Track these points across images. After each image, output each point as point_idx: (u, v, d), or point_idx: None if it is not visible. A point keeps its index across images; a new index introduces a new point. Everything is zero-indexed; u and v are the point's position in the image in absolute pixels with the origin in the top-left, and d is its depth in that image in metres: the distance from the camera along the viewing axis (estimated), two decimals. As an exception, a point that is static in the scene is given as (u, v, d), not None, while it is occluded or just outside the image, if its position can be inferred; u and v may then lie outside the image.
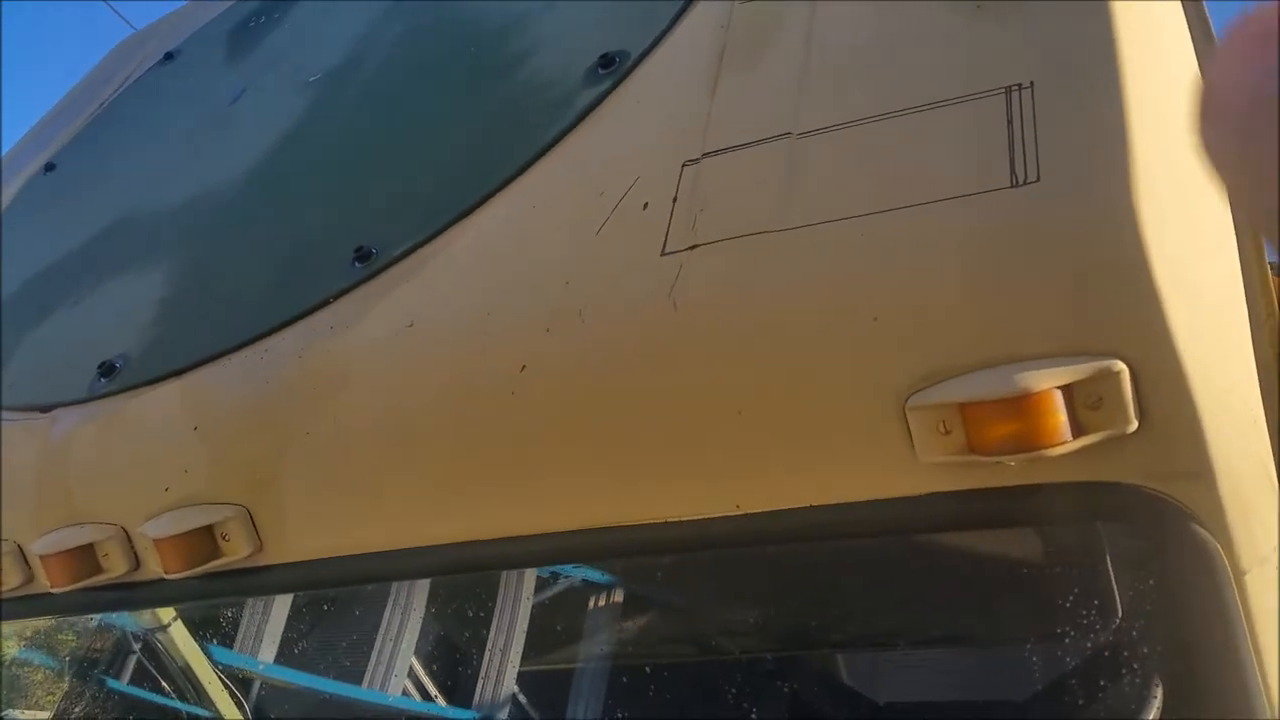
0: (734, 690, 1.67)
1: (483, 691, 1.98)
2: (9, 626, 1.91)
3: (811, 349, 0.67)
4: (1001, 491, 0.61)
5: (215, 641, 1.76)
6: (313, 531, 0.89)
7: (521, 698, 2.04)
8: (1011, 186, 0.64)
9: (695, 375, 0.71)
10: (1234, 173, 0.17)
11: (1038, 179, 0.64)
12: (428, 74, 1.21)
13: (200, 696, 1.63)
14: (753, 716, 1.61)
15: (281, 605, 1.88)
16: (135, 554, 0.97)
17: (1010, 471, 0.60)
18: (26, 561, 1.03)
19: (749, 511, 0.70)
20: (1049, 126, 0.66)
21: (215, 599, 1.47)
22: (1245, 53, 0.18)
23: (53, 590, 1.00)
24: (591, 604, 2.01)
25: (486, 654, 1.96)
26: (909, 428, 0.63)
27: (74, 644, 2.05)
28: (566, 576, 2.02)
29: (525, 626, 1.96)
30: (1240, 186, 0.17)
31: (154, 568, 0.94)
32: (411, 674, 2.03)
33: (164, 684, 1.68)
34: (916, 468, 0.63)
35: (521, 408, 0.77)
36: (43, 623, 2.10)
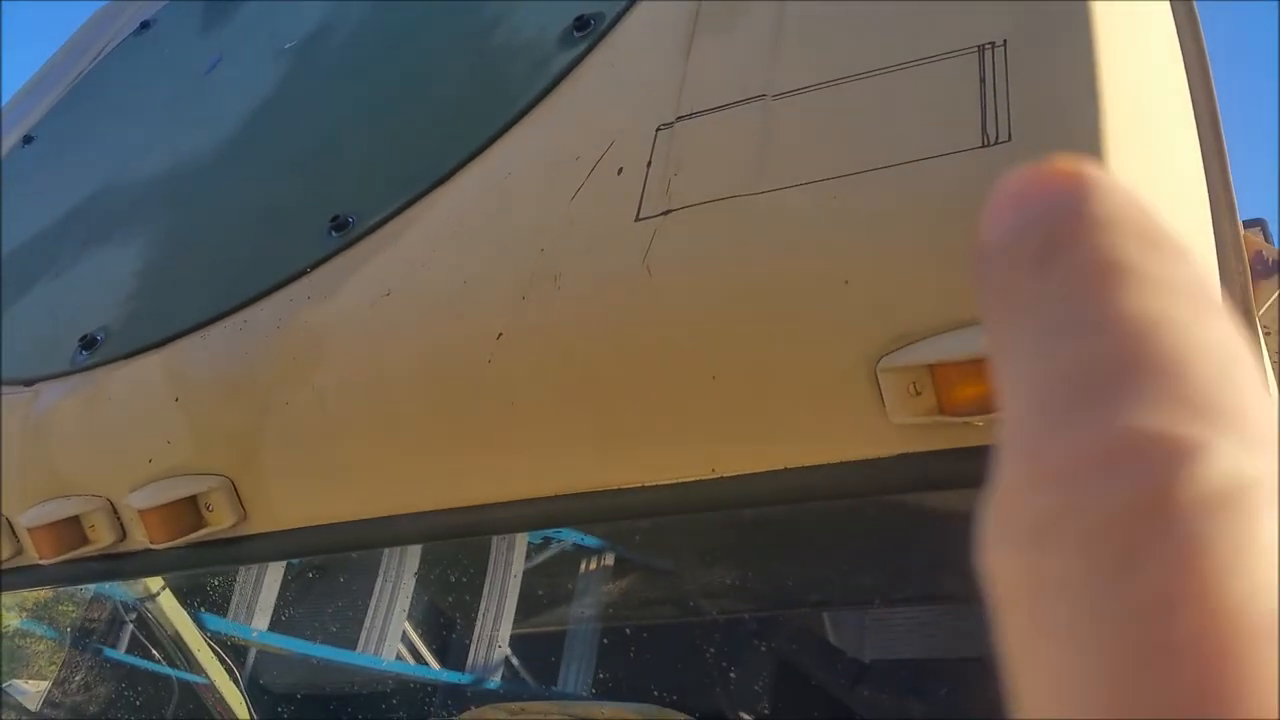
0: (720, 650, 1.69)
1: (475, 655, 2.00)
2: (6, 599, 1.92)
3: (784, 313, 0.67)
4: (971, 451, 0.61)
5: (206, 609, 1.78)
6: (295, 500, 0.90)
7: (514, 660, 2.06)
8: (983, 146, 0.64)
9: (669, 341, 0.71)
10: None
11: (1009, 138, 0.64)
12: (403, 40, 1.20)
13: (191, 664, 1.65)
14: (739, 675, 1.64)
15: (274, 573, 1.90)
16: (121, 525, 0.97)
17: (979, 431, 0.61)
18: (15, 534, 1.04)
19: (724, 475, 0.71)
20: (1021, 85, 0.66)
21: (201, 568, 1.48)
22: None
23: (41, 562, 1.00)
24: (581, 568, 2.03)
25: (479, 618, 1.98)
26: (880, 390, 0.64)
27: (72, 615, 2.07)
28: (558, 541, 2.04)
29: (516, 590, 1.99)
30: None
31: (140, 538, 0.95)
32: (405, 639, 2.05)
33: (155, 652, 1.70)
34: (888, 429, 0.64)
35: (499, 375, 0.78)
36: (40, 595, 2.12)
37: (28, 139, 1.71)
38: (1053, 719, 0.13)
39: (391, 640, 1.97)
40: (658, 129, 0.81)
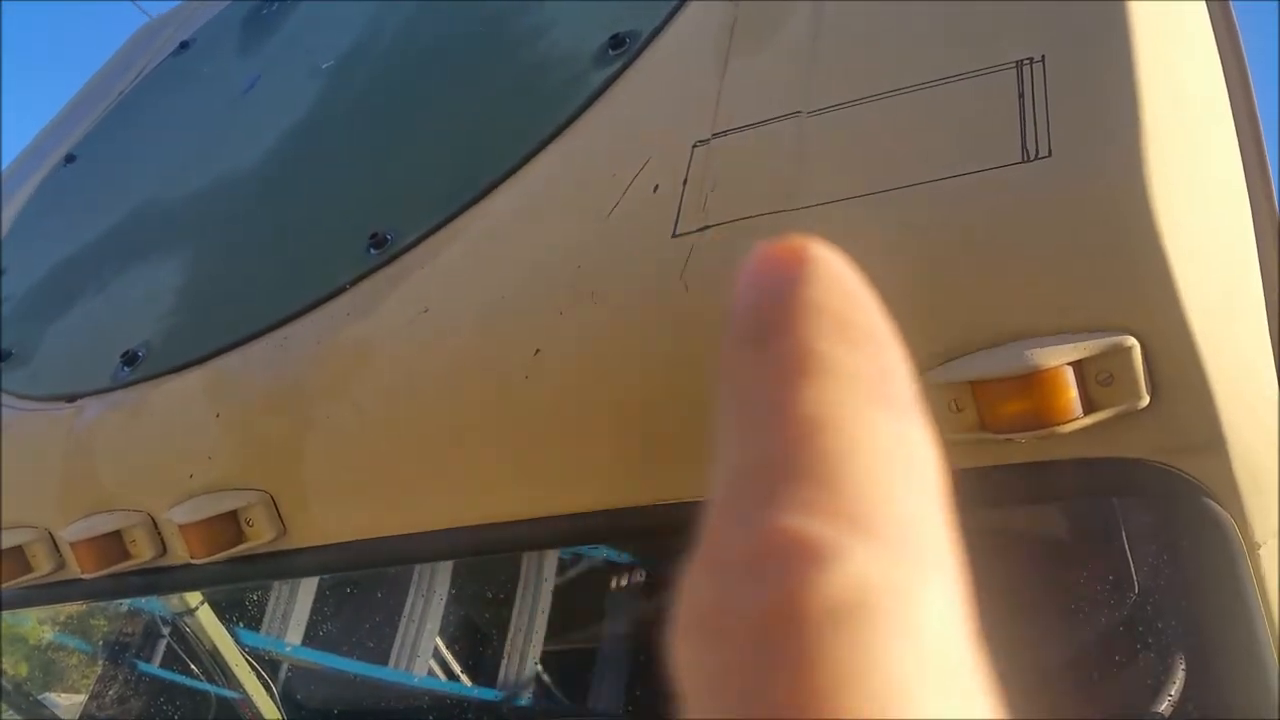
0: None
1: (506, 671, 2.00)
2: (43, 612, 1.95)
3: None
4: (1014, 468, 0.61)
5: (242, 624, 1.79)
6: (334, 515, 0.90)
7: (545, 677, 2.06)
8: (1023, 162, 0.64)
9: (707, 356, 0.71)
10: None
11: (1049, 154, 0.63)
12: (439, 57, 1.21)
13: (228, 678, 1.67)
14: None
15: (307, 588, 1.91)
16: (162, 539, 0.99)
17: (1022, 448, 0.60)
18: (57, 548, 1.05)
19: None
20: (1060, 100, 0.66)
21: (241, 583, 1.49)
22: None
23: (83, 576, 1.02)
24: (613, 584, 2.03)
25: (510, 634, 1.98)
26: (921, 406, 0.63)
27: (106, 629, 2.10)
28: (588, 557, 2.03)
29: (547, 607, 1.98)
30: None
31: (180, 553, 0.96)
32: (436, 655, 2.06)
33: (193, 667, 1.72)
34: None
35: (536, 390, 0.78)
36: (75, 608, 2.14)
37: (70, 158, 1.74)
38: None
39: (423, 656, 1.97)
40: (694, 146, 0.81)
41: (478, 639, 2.10)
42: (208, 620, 1.64)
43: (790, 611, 0.13)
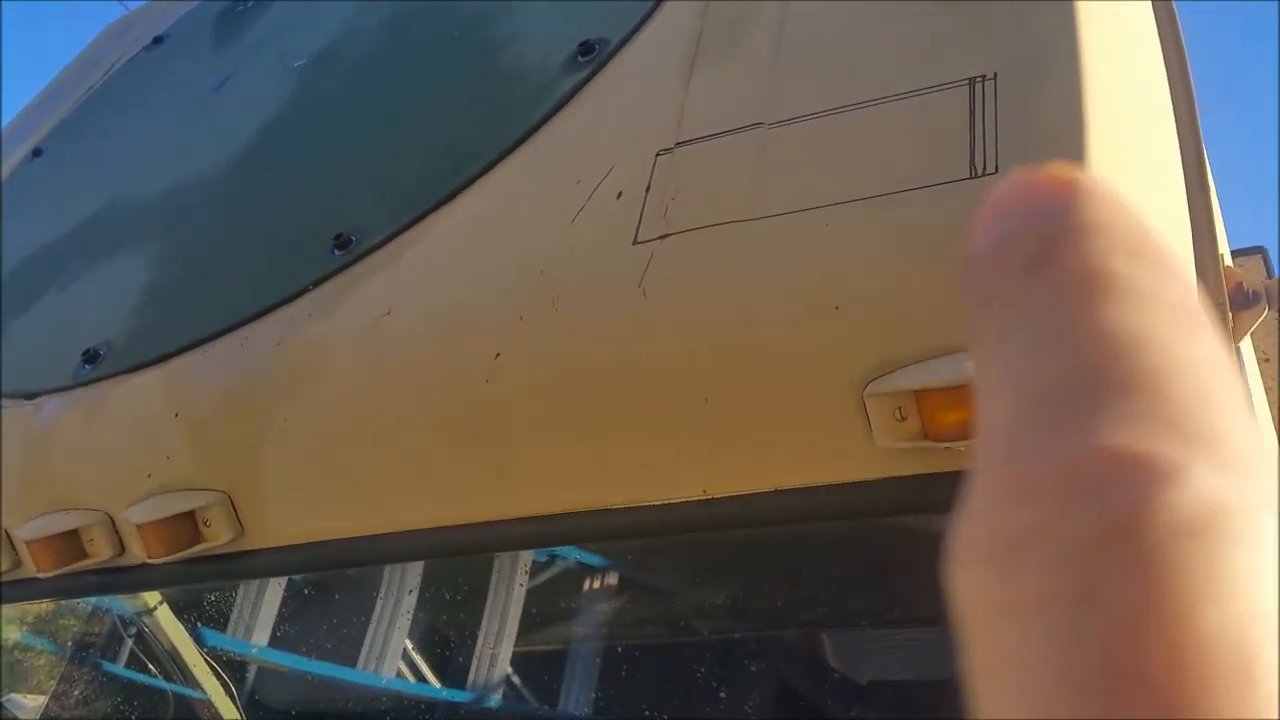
0: (718, 670, 1.69)
1: (477, 673, 2.00)
2: (7, 611, 1.93)
3: (776, 337, 0.68)
4: (954, 475, 0.62)
5: (205, 625, 1.78)
6: (293, 516, 0.90)
7: (516, 679, 2.06)
8: (970, 178, 0.65)
9: (664, 363, 0.72)
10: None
11: (996, 170, 0.65)
12: (410, 59, 1.21)
13: (188, 679, 1.66)
14: (737, 696, 1.64)
15: (274, 589, 1.90)
16: (120, 539, 0.98)
17: (964, 456, 0.62)
18: (14, 547, 1.05)
19: (716, 496, 0.72)
20: (1009, 119, 0.68)
21: (199, 583, 1.49)
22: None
23: (39, 575, 1.01)
24: (581, 586, 2.03)
25: (480, 636, 1.98)
26: (867, 414, 0.64)
27: (71, 629, 2.08)
28: (560, 559, 2.04)
29: (518, 609, 1.99)
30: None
31: (138, 553, 0.96)
32: (405, 656, 2.05)
33: (152, 667, 1.70)
34: (875, 453, 0.65)
35: (497, 395, 0.79)
36: (40, 608, 2.12)
37: (37, 151, 1.73)
38: None
39: (391, 658, 1.97)
40: (657, 154, 0.82)
41: (448, 641, 2.10)
42: (166, 620, 1.63)
43: (1135, 530, 0.13)
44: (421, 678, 2.09)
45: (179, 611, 1.67)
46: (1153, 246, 0.16)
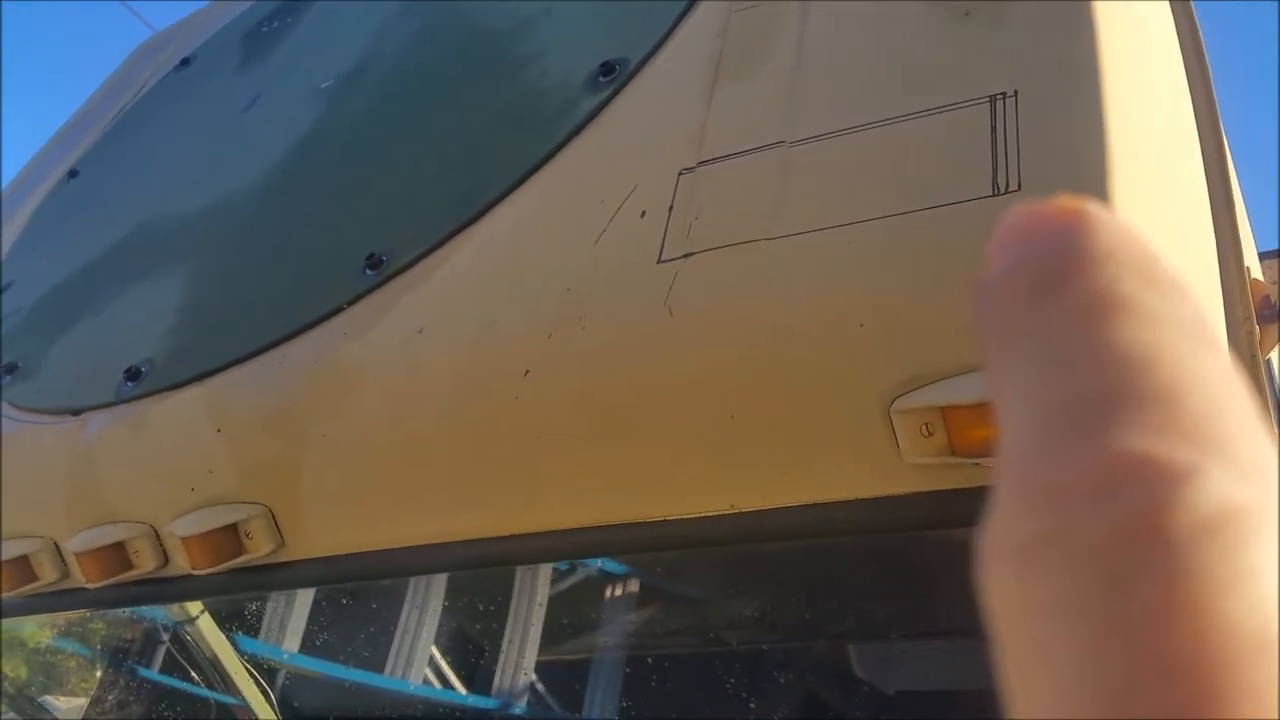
0: (744, 681, 1.70)
1: (502, 680, 2.02)
2: (43, 617, 1.97)
3: (801, 354, 0.70)
4: (983, 491, 0.63)
5: (241, 633, 1.82)
6: (331, 529, 0.93)
7: (540, 686, 2.08)
8: (993, 195, 0.66)
9: (690, 380, 0.74)
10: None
11: (1019, 188, 0.66)
12: (436, 81, 1.24)
13: (228, 685, 1.69)
14: (764, 706, 1.65)
15: (304, 598, 1.93)
16: (164, 551, 1.01)
17: (989, 472, 0.63)
18: (61, 558, 1.08)
19: (743, 510, 0.73)
20: (1031, 135, 0.69)
21: (240, 593, 1.52)
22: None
23: (87, 585, 1.04)
24: (607, 596, 2.05)
25: (504, 644, 2.00)
26: (894, 430, 0.66)
27: (102, 633, 2.12)
28: (586, 567, 2.06)
29: (541, 617, 2.01)
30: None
31: (182, 564, 0.98)
32: (432, 664, 2.08)
33: (193, 674, 1.74)
34: (902, 468, 0.66)
35: (526, 411, 0.81)
36: (74, 614, 2.16)
37: (73, 173, 1.77)
38: None
39: (418, 665, 2.00)
40: (680, 173, 0.84)
41: (473, 648, 2.13)
42: (208, 629, 1.67)
43: (1156, 529, 0.13)
44: (448, 684, 2.12)
45: (218, 620, 1.70)
46: (1163, 272, 0.17)
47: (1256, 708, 0.12)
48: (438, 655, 2.05)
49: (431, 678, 2.05)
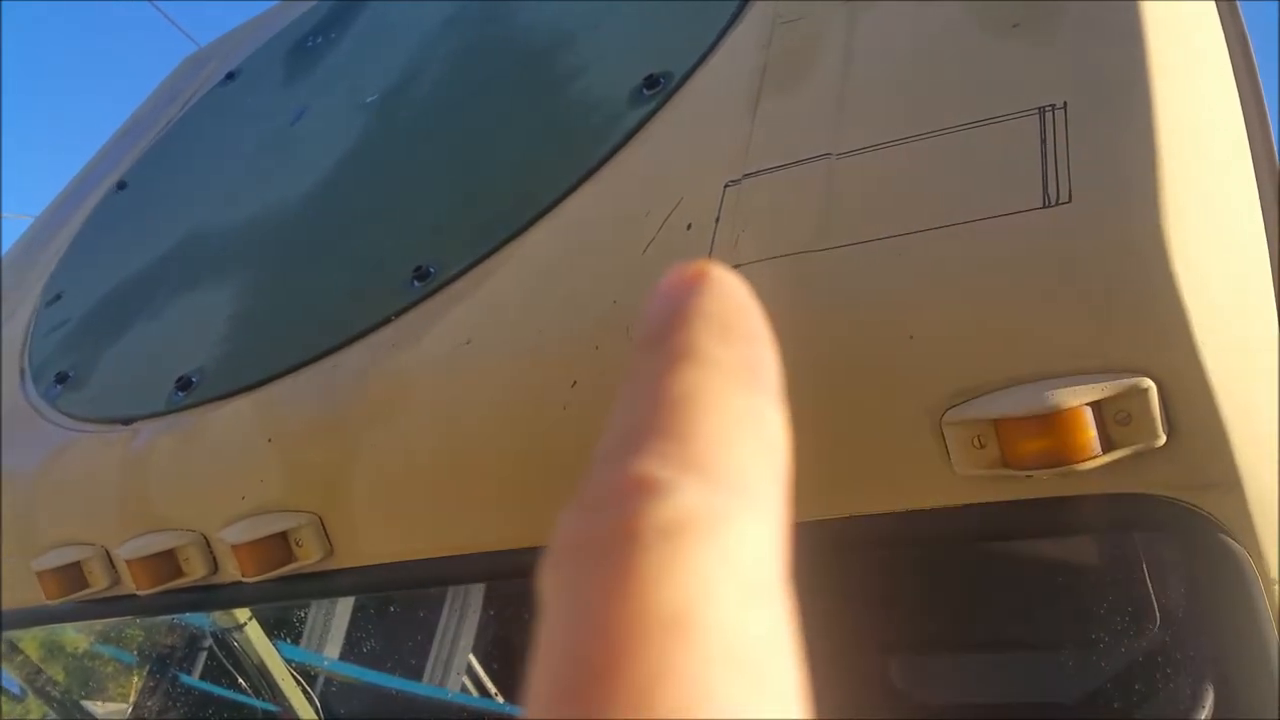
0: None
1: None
2: (90, 624, 2.01)
3: (851, 366, 0.70)
4: (1035, 503, 0.63)
5: (286, 640, 1.84)
6: (380, 537, 0.94)
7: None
8: (1044, 207, 0.66)
9: None
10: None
11: (1069, 200, 0.66)
12: (480, 94, 1.25)
13: (274, 692, 1.71)
14: None
15: (345, 605, 1.95)
16: (214, 558, 1.03)
17: (1043, 484, 0.63)
18: (113, 565, 1.10)
19: (794, 520, 0.73)
20: (1081, 147, 0.68)
21: (289, 600, 1.54)
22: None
23: (137, 592, 1.06)
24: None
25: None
26: (945, 442, 0.66)
27: (138, 639, 2.15)
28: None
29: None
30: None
31: (231, 571, 1.00)
32: (470, 671, 2.09)
33: (239, 680, 1.76)
34: (953, 480, 0.66)
35: (573, 421, 0.81)
36: (121, 620, 2.19)
37: (121, 184, 1.81)
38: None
39: (456, 672, 2.01)
40: (726, 186, 0.84)
41: (511, 656, 2.13)
42: (255, 636, 1.69)
43: (625, 532, 0.16)
44: (485, 692, 2.12)
45: (265, 626, 1.73)
46: (745, 325, 0.20)
47: (657, 678, 0.14)
48: (475, 663, 2.06)
49: (469, 685, 2.06)
